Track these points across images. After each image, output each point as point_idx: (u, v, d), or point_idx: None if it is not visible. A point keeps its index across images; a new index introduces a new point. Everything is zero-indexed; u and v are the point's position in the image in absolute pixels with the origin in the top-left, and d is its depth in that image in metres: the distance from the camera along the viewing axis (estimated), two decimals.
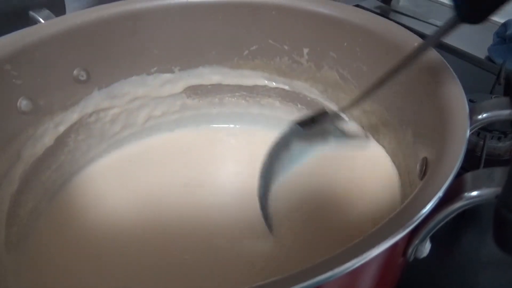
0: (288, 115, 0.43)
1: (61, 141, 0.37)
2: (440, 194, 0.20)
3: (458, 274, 0.35)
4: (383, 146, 0.35)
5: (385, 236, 0.18)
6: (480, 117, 0.26)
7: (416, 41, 0.32)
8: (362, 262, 0.18)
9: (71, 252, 0.33)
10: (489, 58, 0.62)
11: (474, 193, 0.21)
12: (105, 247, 0.33)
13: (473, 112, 0.26)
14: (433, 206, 0.19)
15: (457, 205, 0.21)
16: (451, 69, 0.28)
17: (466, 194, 0.21)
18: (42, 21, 0.38)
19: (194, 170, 0.40)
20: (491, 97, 0.47)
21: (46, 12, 0.38)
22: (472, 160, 0.42)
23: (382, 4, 0.72)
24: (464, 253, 0.37)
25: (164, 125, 0.44)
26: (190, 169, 0.40)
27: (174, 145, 0.43)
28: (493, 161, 0.44)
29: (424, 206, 0.19)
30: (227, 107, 0.45)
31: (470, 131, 0.24)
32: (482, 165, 0.41)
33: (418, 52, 0.27)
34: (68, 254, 0.33)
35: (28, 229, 0.34)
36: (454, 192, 0.21)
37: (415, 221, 0.19)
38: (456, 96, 0.25)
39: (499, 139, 0.44)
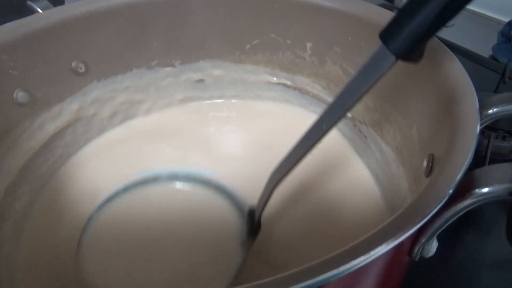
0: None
1: (58, 134, 0.36)
2: (450, 190, 0.19)
3: (461, 275, 0.35)
4: (387, 143, 0.34)
5: (393, 233, 0.17)
6: (490, 111, 0.25)
7: None
8: (368, 260, 0.17)
9: (68, 245, 0.32)
10: (493, 57, 0.61)
11: (486, 189, 0.20)
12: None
13: (482, 107, 0.25)
14: (443, 203, 0.19)
15: (467, 202, 0.20)
16: (459, 62, 0.27)
17: (477, 190, 0.20)
18: (40, 11, 0.37)
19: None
20: None
21: (44, 2, 0.37)
22: (477, 159, 0.41)
23: (385, 1, 0.72)
24: (467, 253, 0.36)
25: (164, 119, 0.43)
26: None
27: (173, 139, 0.42)
28: (498, 161, 0.43)
29: (433, 203, 0.18)
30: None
31: (480, 126, 0.23)
32: (487, 164, 0.40)
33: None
34: (64, 247, 0.32)
35: (24, 223, 0.33)
36: (464, 189, 0.20)
37: (424, 218, 0.18)
38: (465, 90, 0.25)
39: (503, 138, 0.43)
